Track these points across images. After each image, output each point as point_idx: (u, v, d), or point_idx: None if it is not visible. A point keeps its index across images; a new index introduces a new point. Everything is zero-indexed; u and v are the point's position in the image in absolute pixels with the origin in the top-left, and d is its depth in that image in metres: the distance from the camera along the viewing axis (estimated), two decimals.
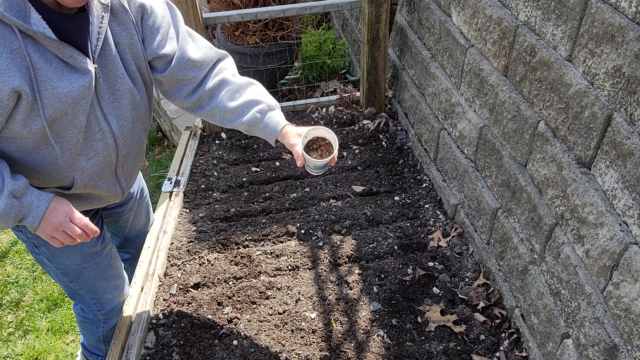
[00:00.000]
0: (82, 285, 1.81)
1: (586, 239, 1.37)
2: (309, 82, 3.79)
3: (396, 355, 1.71)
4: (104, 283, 1.85)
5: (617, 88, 1.21)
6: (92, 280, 1.81)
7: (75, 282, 1.79)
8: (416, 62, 2.48)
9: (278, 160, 2.66)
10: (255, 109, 1.57)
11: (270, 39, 3.25)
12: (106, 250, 1.82)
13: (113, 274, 1.88)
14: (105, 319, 1.96)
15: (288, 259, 2.07)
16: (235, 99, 1.58)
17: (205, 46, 1.61)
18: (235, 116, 1.58)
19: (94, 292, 1.85)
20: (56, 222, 1.38)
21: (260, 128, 1.59)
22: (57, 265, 1.73)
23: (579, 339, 1.41)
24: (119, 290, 1.93)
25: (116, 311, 1.94)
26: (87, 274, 1.78)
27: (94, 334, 2.05)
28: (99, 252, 1.78)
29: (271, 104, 1.60)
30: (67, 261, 1.72)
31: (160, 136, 4.12)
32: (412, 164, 2.59)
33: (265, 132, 1.59)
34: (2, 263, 2.97)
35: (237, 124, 1.59)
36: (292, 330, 1.79)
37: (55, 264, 1.72)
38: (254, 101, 1.58)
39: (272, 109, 1.60)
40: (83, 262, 1.74)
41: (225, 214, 2.33)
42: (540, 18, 1.49)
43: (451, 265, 2.04)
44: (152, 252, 2.09)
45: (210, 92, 1.60)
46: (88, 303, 1.89)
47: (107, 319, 1.97)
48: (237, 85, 1.60)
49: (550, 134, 1.50)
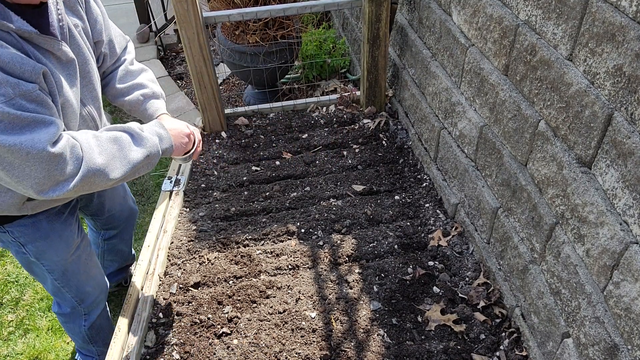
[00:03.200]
0: (67, 282, 1.83)
1: (586, 239, 1.37)
2: (309, 81, 3.79)
3: (396, 354, 1.71)
4: (85, 277, 1.87)
5: (618, 87, 1.21)
6: (75, 275, 1.83)
7: (60, 280, 1.81)
8: (416, 61, 2.48)
9: (278, 160, 2.66)
10: (140, 92, 1.74)
11: (271, 38, 3.24)
12: (84, 242, 1.86)
13: (93, 266, 1.92)
14: (85, 313, 1.98)
15: (288, 258, 2.07)
16: (125, 81, 1.75)
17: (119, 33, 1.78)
18: (121, 95, 1.75)
19: (77, 287, 1.87)
20: (178, 132, 1.63)
21: (140, 110, 1.76)
22: (44, 262, 1.74)
23: (579, 338, 1.41)
24: (97, 282, 1.96)
25: (96, 304, 1.98)
26: (71, 268, 1.80)
27: (78, 334, 2.06)
28: (79, 244, 1.81)
29: (156, 91, 1.79)
30: (54, 257, 1.73)
31: None
32: (413, 163, 2.59)
33: (144, 116, 1.76)
34: (2, 262, 2.97)
35: (121, 101, 1.75)
36: (292, 329, 1.79)
37: (43, 261, 1.73)
38: (141, 85, 1.76)
39: (157, 97, 1.78)
40: (69, 256, 1.77)
41: (225, 213, 2.33)
42: (541, 17, 1.49)
43: (451, 265, 2.04)
44: (152, 252, 2.09)
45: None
46: (69, 299, 1.90)
47: (86, 313, 1.98)
48: (131, 70, 1.78)
49: (551, 133, 1.50)
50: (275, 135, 2.86)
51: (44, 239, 1.68)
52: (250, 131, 2.86)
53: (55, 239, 1.70)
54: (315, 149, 2.73)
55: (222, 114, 2.82)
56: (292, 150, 2.73)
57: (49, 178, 1.29)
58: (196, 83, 2.66)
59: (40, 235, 1.67)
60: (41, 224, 1.65)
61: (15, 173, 1.26)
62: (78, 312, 1.96)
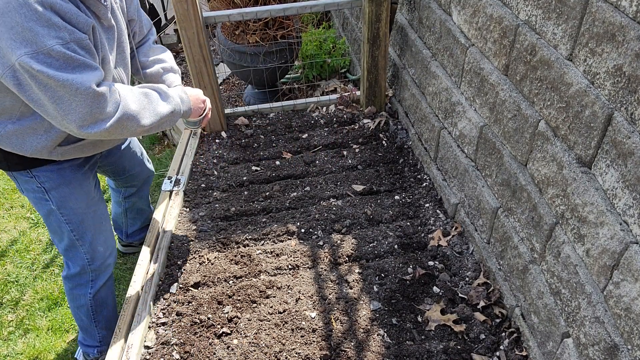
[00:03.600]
0: (82, 234, 1.97)
1: (586, 239, 1.37)
2: (309, 81, 3.78)
3: (396, 354, 1.71)
4: (98, 233, 2.02)
5: (618, 87, 1.21)
6: (91, 228, 1.98)
7: (76, 231, 1.95)
8: (416, 61, 2.48)
9: (278, 160, 2.66)
10: (160, 65, 1.98)
11: (271, 38, 3.24)
12: (100, 200, 2.05)
13: (107, 227, 2.08)
14: (93, 276, 2.08)
15: (288, 258, 2.07)
16: (148, 56, 1.99)
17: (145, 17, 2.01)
18: (143, 67, 1.97)
19: (90, 242, 2.00)
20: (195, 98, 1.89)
21: (159, 82, 1.96)
22: (64, 211, 1.90)
23: (579, 338, 1.41)
24: (108, 243, 2.09)
25: (104, 267, 2.09)
26: (88, 221, 1.97)
27: (83, 307, 2.14)
28: (96, 200, 2.01)
29: (174, 67, 2.02)
30: (74, 205, 1.91)
31: (160, 135, 4.11)
32: (413, 163, 2.59)
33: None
34: (2, 262, 2.97)
35: (143, 73, 1.97)
36: (292, 329, 1.79)
37: (62, 210, 1.89)
38: (161, 60, 2.00)
39: (174, 71, 2.01)
40: (87, 207, 1.95)
41: (225, 213, 2.33)
42: (541, 17, 1.49)
43: (451, 265, 2.04)
44: (152, 251, 2.09)
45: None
46: (80, 257, 2.01)
47: (94, 277, 2.08)
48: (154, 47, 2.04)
49: (551, 133, 1.50)
50: (275, 135, 2.86)
51: (66, 185, 1.86)
52: (250, 131, 2.86)
53: (76, 187, 1.89)
54: (315, 149, 2.73)
55: (222, 114, 2.82)
56: (292, 150, 2.73)
57: (90, 114, 1.49)
58: (196, 83, 2.66)
59: (63, 182, 1.85)
60: (65, 172, 1.85)
61: (63, 107, 1.46)
62: (86, 276, 2.06)
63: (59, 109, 1.46)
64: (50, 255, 3.01)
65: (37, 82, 1.41)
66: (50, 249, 3.06)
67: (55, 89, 1.42)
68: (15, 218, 3.27)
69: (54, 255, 3.01)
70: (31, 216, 3.28)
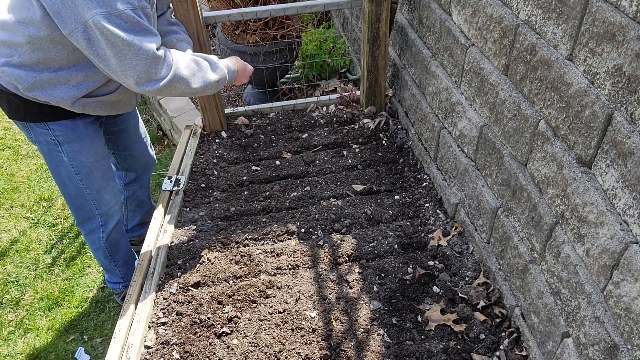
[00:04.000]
0: (90, 183, 2.16)
1: (586, 238, 1.37)
2: (309, 81, 3.78)
3: (396, 354, 1.71)
4: (105, 183, 2.22)
5: (618, 87, 1.21)
6: (97, 179, 2.18)
7: (84, 181, 2.14)
8: (416, 61, 2.48)
9: (278, 159, 2.66)
10: (174, 36, 2.16)
11: (271, 38, 3.24)
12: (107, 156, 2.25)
13: (111, 177, 2.29)
14: (102, 221, 2.30)
15: (288, 258, 2.07)
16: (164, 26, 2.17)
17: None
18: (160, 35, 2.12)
19: (97, 191, 2.20)
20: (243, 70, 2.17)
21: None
22: (74, 163, 2.08)
23: (579, 338, 1.41)
24: (114, 191, 2.30)
25: (112, 213, 2.31)
26: (95, 173, 2.16)
27: (99, 250, 2.38)
28: (104, 155, 2.20)
29: (187, 38, 2.21)
30: (84, 158, 2.10)
31: (160, 135, 4.11)
32: (413, 163, 2.59)
33: None
34: (3, 262, 2.97)
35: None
36: (292, 329, 1.79)
37: (73, 162, 2.08)
38: (175, 32, 2.18)
39: (188, 42, 2.20)
40: (95, 160, 2.13)
41: (225, 213, 2.33)
42: (541, 17, 1.49)
43: (451, 264, 2.04)
44: (152, 251, 2.09)
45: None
46: (88, 204, 2.22)
47: (104, 222, 2.31)
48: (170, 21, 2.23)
49: (551, 133, 1.50)
50: (275, 135, 2.86)
51: (78, 140, 2.05)
52: (250, 131, 2.86)
53: (87, 142, 2.08)
54: (315, 149, 2.73)
55: (222, 114, 2.82)
56: (292, 150, 2.73)
57: (146, 74, 1.72)
58: None
59: (76, 137, 2.04)
60: (78, 127, 2.04)
61: (125, 63, 1.68)
62: (95, 220, 2.29)
63: (121, 65, 1.68)
64: (50, 255, 3.01)
65: (106, 40, 1.62)
66: (51, 249, 3.06)
67: (121, 47, 1.64)
68: (15, 218, 3.27)
69: (54, 255, 3.02)
70: (31, 216, 3.28)
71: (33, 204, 3.36)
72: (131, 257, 2.57)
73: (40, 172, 3.65)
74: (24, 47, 1.76)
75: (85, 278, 2.89)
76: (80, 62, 1.83)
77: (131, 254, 2.56)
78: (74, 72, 1.84)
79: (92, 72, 1.87)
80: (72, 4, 1.58)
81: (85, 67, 1.85)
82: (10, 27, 1.74)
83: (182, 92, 1.86)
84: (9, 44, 1.78)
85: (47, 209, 3.33)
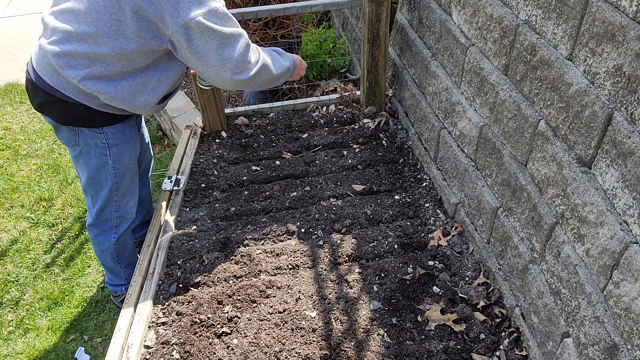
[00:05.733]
0: (120, 186, 2.20)
1: (586, 238, 1.37)
2: (309, 80, 3.78)
3: (396, 354, 1.71)
4: (132, 187, 2.28)
5: (618, 87, 1.21)
6: (127, 182, 2.22)
7: (118, 183, 2.18)
8: (416, 60, 2.48)
9: (278, 159, 2.66)
10: None
11: (271, 38, 3.24)
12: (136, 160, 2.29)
13: (136, 181, 2.33)
14: (117, 222, 2.32)
15: (288, 258, 2.07)
16: None
17: None
18: None
19: (123, 193, 2.24)
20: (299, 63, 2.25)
21: None
22: (117, 165, 2.12)
23: (579, 338, 1.41)
24: (135, 194, 2.34)
25: (128, 216, 2.34)
26: (127, 175, 2.21)
27: (107, 250, 2.38)
28: (137, 157, 2.25)
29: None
30: (126, 160, 2.15)
31: (161, 135, 4.11)
32: (413, 162, 2.59)
33: None
34: (3, 262, 2.97)
35: None
36: (292, 329, 1.79)
37: (116, 164, 2.11)
38: None
39: None
40: (131, 162, 2.19)
41: (225, 213, 2.33)
42: (541, 17, 1.49)
43: (451, 264, 2.04)
44: (152, 251, 2.09)
45: None
46: (111, 206, 2.25)
47: (118, 224, 2.32)
48: None
49: (551, 133, 1.50)
50: (275, 135, 2.86)
51: (125, 143, 2.10)
52: (250, 131, 2.86)
53: (130, 144, 2.14)
54: (315, 149, 2.73)
55: (222, 114, 2.82)
56: (292, 150, 2.73)
57: (242, 62, 1.85)
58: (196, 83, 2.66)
59: (124, 140, 2.09)
60: (127, 130, 2.10)
61: (225, 55, 1.81)
62: (111, 222, 2.31)
63: (220, 58, 1.80)
64: (50, 255, 3.02)
65: (207, 36, 1.75)
66: (51, 249, 3.06)
67: (221, 41, 1.78)
68: (15, 218, 3.27)
69: (54, 255, 3.02)
70: (31, 216, 3.28)
71: (33, 204, 3.36)
72: (135, 258, 2.55)
73: (40, 172, 3.65)
74: (108, 57, 1.78)
75: (85, 278, 2.89)
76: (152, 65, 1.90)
77: (135, 256, 2.54)
78: (148, 77, 1.91)
79: (165, 75, 1.95)
80: (173, 8, 1.69)
81: (157, 70, 1.92)
82: (94, 39, 1.75)
83: (267, 79, 1.98)
84: (89, 56, 1.78)
85: (47, 209, 3.33)
